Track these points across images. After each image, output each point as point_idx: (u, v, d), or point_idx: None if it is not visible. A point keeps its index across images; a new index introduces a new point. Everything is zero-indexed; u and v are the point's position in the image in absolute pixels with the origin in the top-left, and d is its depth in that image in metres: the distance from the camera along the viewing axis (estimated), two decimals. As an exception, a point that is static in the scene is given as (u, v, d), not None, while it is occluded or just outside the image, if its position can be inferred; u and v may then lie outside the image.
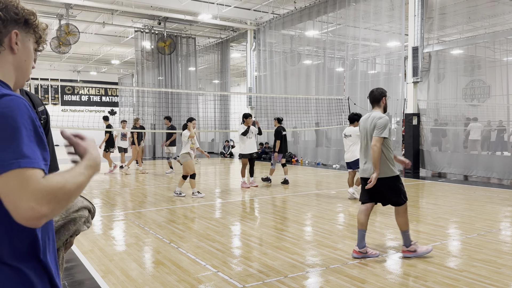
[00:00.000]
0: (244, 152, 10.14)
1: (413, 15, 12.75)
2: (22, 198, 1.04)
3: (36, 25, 1.34)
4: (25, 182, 1.04)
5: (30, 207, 1.04)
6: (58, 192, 1.08)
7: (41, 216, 1.06)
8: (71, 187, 1.12)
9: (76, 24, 17.21)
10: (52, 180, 1.08)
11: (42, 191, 1.05)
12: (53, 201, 1.07)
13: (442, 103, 13.84)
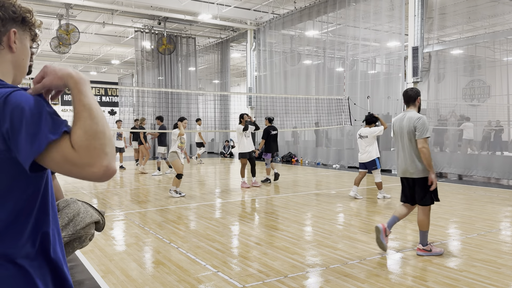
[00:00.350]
0: (243, 151, 10.15)
1: (413, 15, 12.75)
2: (77, 169, 1.06)
3: (32, 23, 1.35)
4: (64, 155, 1.05)
5: (88, 173, 1.06)
6: (91, 140, 1.06)
7: (106, 170, 1.07)
8: (92, 125, 1.07)
9: (76, 24, 17.20)
10: (75, 137, 1.06)
11: (80, 154, 1.04)
12: (96, 147, 1.06)
13: (442, 103, 13.85)
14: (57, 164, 1.07)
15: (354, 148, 15.21)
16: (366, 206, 7.88)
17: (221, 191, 9.93)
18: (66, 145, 1.06)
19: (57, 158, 1.06)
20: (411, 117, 4.66)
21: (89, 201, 8.43)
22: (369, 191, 9.80)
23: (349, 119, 14.62)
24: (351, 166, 14.87)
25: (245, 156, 10.18)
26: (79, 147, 1.05)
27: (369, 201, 8.42)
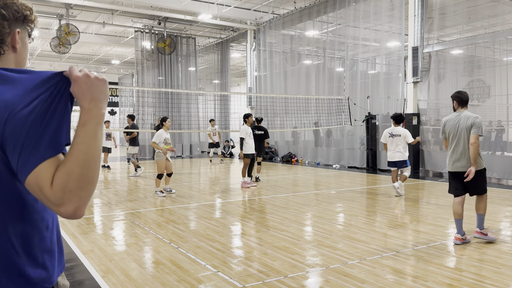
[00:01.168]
0: (248, 152, 10.19)
1: (413, 15, 12.75)
2: (45, 202, 1.08)
3: (32, 20, 1.34)
4: (40, 186, 1.07)
5: (54, 210, 1.08)
6: (69, 182, 1.05)
7: (72, 213, 1.08)
8: (80, 171, 1.07)
9: (76, 24, 17.21)
10: (58, 175, 1.06)
11: (53, 192, 1.05)
12: (71, 190, 1.06)
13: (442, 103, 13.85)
14: (29, 187, 1.08)
15: (354, 148, 15.23)
16: (366, 206, 7.88)
17: (221, 191, 9.93)
18: (41, 180, 1.06)
19: (32, 183, 1.07)
20: (468, 116, 5.20)
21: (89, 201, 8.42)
22: (369, 191, 9.80)
23: (349, 119, 14.62)
24: (351, 166, 14.87)
25: (249, 157, 10.23)
26: (55, 186, 1.05)
27: (369, 201, 8.42)
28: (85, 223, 6.51)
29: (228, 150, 20.31)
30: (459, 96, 5.39)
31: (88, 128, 1.10)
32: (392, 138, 8.68)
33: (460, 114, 5.28)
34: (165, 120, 8.83)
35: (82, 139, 1.09)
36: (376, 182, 11.41)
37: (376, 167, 13.98)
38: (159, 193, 8.88)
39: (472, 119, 5.15)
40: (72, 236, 5.67)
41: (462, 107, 5.38)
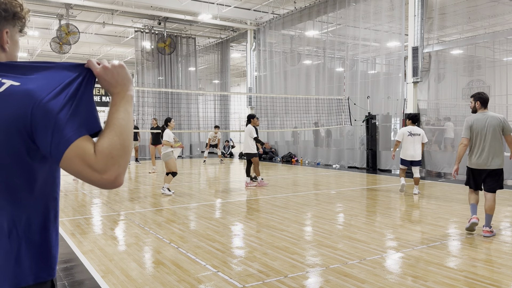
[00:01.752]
0: (253, 151, 10.27)
1: (413, 15, 12.75)
2: (89, 172, 1.13)
3: (23, 17, 1.31)
4: (83, 155, 1.13)
5: (97, 178, 1.13)
6: (112, 150, 1.13)
7: (114, 180, 1.14)
8: (119, 139, 1.16)
9: (76, 24, 17.21)
10: (99, 143, 1.14)
11: (98, 159, 1.12)
12: (114, 157, 1.13)
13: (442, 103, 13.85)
14: (68, 165, 1.14)
15: (354, 148, 15.23)
16: (366, 206, 7.88)
17: (221, 191, 9.93)
18: (82, 153, 1.12)
19: (71, 159, 1.13)
20: (494, 117, 5.55)
21: (89, 201, 8.44)
22: (369, 191, 9.81)
23: (349, 119, 14.63)
24: (351, 166, 14.87)
25: (256, 156, 10.30)
26: (99, 153, 1.12)
27: (369, 201, 8.43)
28: (85, 223, 6.51)
29: (228, 150, 20.31)
30: (482, 97, 5.66)
31: (120, 106, 1.22)
32: (412, 137, 8.91)
33: (486, 114, 5.59)
34: (169, 120, 9.19)
35: (117, 115, 1.20)
36: (376, 182, 11.42)
37: (376, 167, 13.98)
38: (165, 190, 9.07)
39: (501, 119, 5.55)
40: (72, 236, 5.67)
41: (485, 108, 5.67)
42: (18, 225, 1.20)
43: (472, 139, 5.65)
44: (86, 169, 1.12)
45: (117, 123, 1.18)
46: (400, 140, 9.04)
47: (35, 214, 1.24)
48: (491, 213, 5.52)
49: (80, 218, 6.82)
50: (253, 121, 10.41)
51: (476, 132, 5.61)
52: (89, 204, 8.17)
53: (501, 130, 5.52)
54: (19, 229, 1.20)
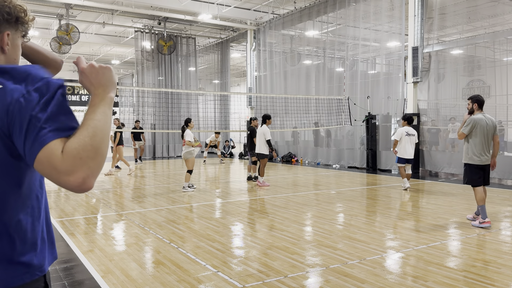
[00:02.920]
0: (266, 152, 10.34)
1: (413, 15, 12.75)
2: (55, 174, 1.08)
3: (26, 22, 1.32)
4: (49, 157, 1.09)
5: (64, 181, 1.08)
6: (80, 151, 1.08)
7: (82, 182, 1.08)
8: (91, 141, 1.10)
9: (76, 24, 17.20)
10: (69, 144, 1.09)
11: (64, 160, 1.07)
12: (82, 158, 1.07)
13: (442, 103, 13.85)
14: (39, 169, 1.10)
15: (354, 148, 15.23)
16: (366, 206, 7.88)
17: (221, 191, 9.93)
18: (50, 157, 1.07)
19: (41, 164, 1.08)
20: (491, 118, 6.12)
21: (89, 201, 8.44)
22: (369, 191, 9.81)
23: (349, 119, 14.63)
24: (351, 166, 14.87)
25: (268, 157, 10.41)
26: (66, 153, 1.07)
27: (369, 201, 8.43)
28: (85, 223, 6.51)
29: (228, 150, 20.32)
30: (479, 99, 6.13)
31: (98, 107, 1.17)
32: (409, 137, 9.52)
33: (485, 116, 6.10)
34: (189, 121, 9.72)
35: (93, 115, 1.15)
36: (376, 182, 11.41)
37: (376, 167, 13.98)
38: (187, 188, 9.63)
39: (494, 121, 6.15)
40: (72, 236, 5.67)
41: (481, 109, 6.15)
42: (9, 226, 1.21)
43: (477, 137, 6.03)
44: (52, 171, 1.07)
45: (91, 124, 1.12)
46: (398, 139, 9.54)
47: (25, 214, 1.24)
48: (484, 203, 6.13)
49: (80, 218, 6.82)
50: (268, 122, 10.52)
51: (481, 131, 6.01)
52: (89, 204, 8.17)
53: (493, 131, 6.10)
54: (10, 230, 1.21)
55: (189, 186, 9.75)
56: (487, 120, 6.05)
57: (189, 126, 9.63)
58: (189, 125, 9.64)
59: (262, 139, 10.32)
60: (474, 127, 6.04)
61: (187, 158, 9.51)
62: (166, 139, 20.56)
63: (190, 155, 9.52)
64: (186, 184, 9.68)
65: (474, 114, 6.14)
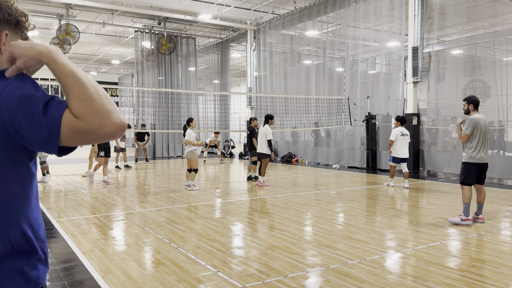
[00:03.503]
0: (269, 153, 10.36)
1: (413, 15, 12.74)
2: (90, 136, 1.09)
3: (25, 27, 1.32)
4: (72, 127, 1.08)
5: (105, 135, 1.09)
6: (90, 104, 1.08)
7: (117, 124, 1.09)
8: (83, 89, 1.09)
9: (76, 24, 17.20)
10: (73, 107, 1.08)
11: (86, 121, 1.07)
12: (98, 109, 1.07)
13: (442, 103, 13.85)
14: (69, 138, 1.09)
15: (354, 148, 15.23)
16: (366, 206, 7.88)
17: (221, 191, 9.93)
18: (69, 118, 1.08)
19: (66, 132, 1.08)
20: (486, 118, 6.30)
21: (89, 201, 8.44)
22: (369, 191, 9.81)
23: (349, 119, 14.62)
24: (351, 166, 14.87)
25: (269, 157, 10.43)
26: (81, 114, 1.07)
27: (369, 201, 8.43)
28: (85, 223, 6.51)
29: (228, 150, 20.32)
30: (475, 100, 6.27)
31: (57, 67, 1.12)
32: (403, 137, 9.84)
33: (482, 115, 6.26)
34: (191, 120, 9.82)
35: (63, 76, 1.11)
36: (376, 182, 11.41)
37: (376, 167, 13.98)
38: (192, 186, 9.75)
39: (488, 121, 6.32)
40: (72, 236, 5.67)
41: (477, 110, 6.28)
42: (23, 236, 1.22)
43: (475, 137, 6.15)
44: (87, 136, 1.08)
45: (71, 82, 1.09)
46: (394, 140, 9.82)
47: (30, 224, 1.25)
48: (483, 201, 6.35)
49: (80, 218, 6.82)
50: (271, 122, 10.56)
51: (480, 130, 6.15)
52: (89, 204, 8.17)
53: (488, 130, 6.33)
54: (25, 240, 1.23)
55: (194, 185, 9.85)
56: (485, 120, 6.24)
57: (191, 126, 9.74)
58: (190, 125, 9.75)
59: (264, 139, 10.33)
60: (475, 127, 6.15)
61: (190, 157, 9.61)
62: (166, 139, 20.57)
63: (192, 154, 9.63)
64: (192, 182, 9.77)
65: (470, 114, 6.27)
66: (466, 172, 6.25)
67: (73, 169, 13.76)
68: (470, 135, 6.20)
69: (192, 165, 9.66)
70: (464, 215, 6.21)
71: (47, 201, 8.39)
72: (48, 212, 7.24)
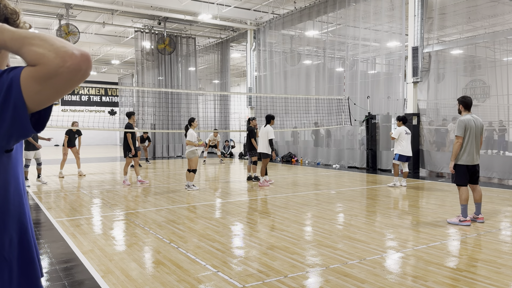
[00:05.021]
0: (269, 152, 10.44)
1: (413, 15, 12.74)
2: (57, 79, 1.01)
3: (17, 25, 1.28)
4: (34, 77, 1.00)
5: (68, 68, 1.00)
6: (39, 48, 1.00)
7: (74, 54, 1.00)
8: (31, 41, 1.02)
9: (76, 24, 17.21)
10: (27, 59, 1.02)
11: (44, 64, 1.00)
12: (49, 49, 1.00)
13: (442, 103, 13.85)
14: (37, 91, 1.01)
15: (354, 148, 15.22)
16: (366, 206, 7.88)
17: (221, 191, 9.93)
18: (27, 70, 1.01)
19: (31, 87, 1.01)
20: (479, 119, 6.29)
21: (89, 201, 8.44)
22: (369, 191, 9.81)
23: (349, 119, 14.62)
24: (351, 166, 14.87)
25: (270, 157, 10.53)
26: (37, 60, 1.00)
27: (369, 201, 8.42)
28: (85, 223, 6.51)
29: (228, 150, 20.32)
30: (465, 101, 6.26)
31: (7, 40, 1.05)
32: (407, 135, 9.97)
33: (473, 116, 6.24)
34: (193, 120, 9.76)
35: (15, 39, 1.04)
36: (376, 182, 11.41)
37: (376, 167, 13.98)
38: (192, 187, 9.75)
39: (482, 121, 6.30)
40: (72, 236, 5.67)
41: (468, 110, 6.28)
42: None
43: (465, 138, 6.19)
44: (52, 80, 1.00)
45: (18, 42, 1.03)
46: (396, 137, 9.94)
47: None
48: (480, 201, 6.35)
49: (80, 218, 6.82)
50: (272, 122, 10.70)
51: (470, 131, 6.17)
52: (89, 204, 8.17)
53: (481, 131, 6.27)
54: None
55: (193, 185, 9.86)
56: (475, 121, 6.20)
57: (192, 126, 9.72)
58: (192, 125, 9.73)
59: (265, 139, 10.37)
60: (465, 128, 6.16)
61: (190, 157, 9.60)
62: (166, 139, 20.57)
63: (193, 154, 9.62)
64: (191, 183, 9.78)
65: (461, 115, 6.30)
66: (457, 174, 6.31)
67: (73, 169, 13.76)
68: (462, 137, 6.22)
69: (191, 165, 9.66)
70: (462, 216, 6.22)
71: (47, 201, 8.39)
72: (48, 212, 7.24)
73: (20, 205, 1.22)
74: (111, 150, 26.72)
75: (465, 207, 6.21)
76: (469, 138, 6.18)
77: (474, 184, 6.36)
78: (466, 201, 6.21)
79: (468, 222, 6.17)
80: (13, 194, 1.19)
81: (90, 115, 31.97)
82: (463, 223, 6.17)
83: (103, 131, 31.08)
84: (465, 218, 6.19)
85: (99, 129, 17.72)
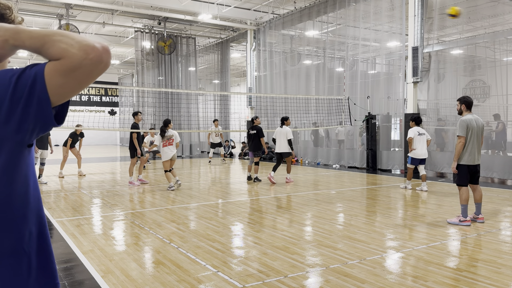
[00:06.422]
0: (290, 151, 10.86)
1: (413, 15, 12.74)
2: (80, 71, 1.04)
3: (12, 20, 1.28)
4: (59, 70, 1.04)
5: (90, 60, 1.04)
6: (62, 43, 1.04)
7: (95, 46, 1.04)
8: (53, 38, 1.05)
9: (76, 24, 17.21)
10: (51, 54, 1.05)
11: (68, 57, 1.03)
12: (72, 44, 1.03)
13: (442, 103, 13.85)
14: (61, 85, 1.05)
15: (354, 148, 15.22)
16: (366, 206, 7.88)
17: (221, 191, 9.93)
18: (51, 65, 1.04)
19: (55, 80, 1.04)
20: (479, 119, 6.33)
21: (89, 201, 8.44)
22: (369, 191, 9.81)
23: (349, 119, 14.63)
24: (351, 166, 14.87)
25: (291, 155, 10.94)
26: (61, 54, 1.03)
27: (369, 201, 8.43)
28: (85, 223, 6.51)
29: (228, 150, 20.32)
30: (467, 100, 6.30)
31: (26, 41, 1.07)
32: (420, 136, 9.56)
33: (474, 116, 6.28)
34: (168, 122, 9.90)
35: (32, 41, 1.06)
36: (376, 182, 11.41)
37: (376, 167, 13.98)
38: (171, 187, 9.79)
39: (482, 121, 6.36)
40: (72, 236, 5.67)
41: (470, 110, 6.31)
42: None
43: (467, 138, 6.18)
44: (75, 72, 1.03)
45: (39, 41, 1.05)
46: (413, 137, 9.50)
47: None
48: (480, 201, 6.37)
49: (80, 218, 6.82)
50: (287, 123, 10.95)
51: (472, 131, 6.19)
52: (89, 204, 8.17)
53: (482, 131, 6.29)
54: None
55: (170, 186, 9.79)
56: (476, 121, 6.23)
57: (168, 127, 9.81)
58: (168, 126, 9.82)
59: (284, 139, 10.76)
60: (467, 128, 6.17)
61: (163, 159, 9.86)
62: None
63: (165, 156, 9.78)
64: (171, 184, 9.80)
65: (462, 115, 6.30)
66: (458, 174, 6.29)
67: (73, 169, 13.76)
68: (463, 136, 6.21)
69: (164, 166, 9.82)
70: (462, 216, 6.23)
71: (47, 201, 8.39)
72: (48, 212, 7.24)
73: (38, 199, 1.23)
74: (111, 150, 26.73)
75: (465, 207, 6.22)
76: (470, 138, 6.20)
77: (475, 184, 6.36)
78: (466, 201, 6.22)
79: (468, 222, 6.18)
80: (33, 188, 1.21)
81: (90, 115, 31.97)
82: (463, 223, 6.17)
83: (103, 131, 31.08)
84: (465, 218, 6.21)
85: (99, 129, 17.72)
